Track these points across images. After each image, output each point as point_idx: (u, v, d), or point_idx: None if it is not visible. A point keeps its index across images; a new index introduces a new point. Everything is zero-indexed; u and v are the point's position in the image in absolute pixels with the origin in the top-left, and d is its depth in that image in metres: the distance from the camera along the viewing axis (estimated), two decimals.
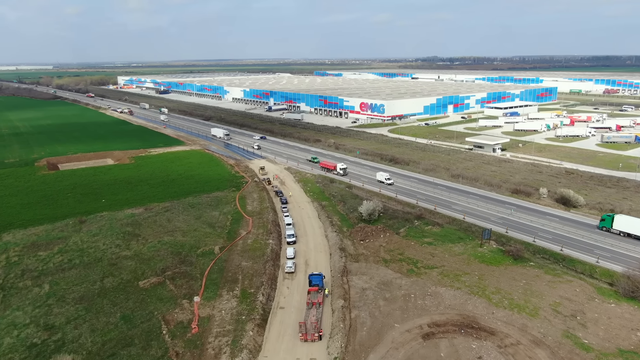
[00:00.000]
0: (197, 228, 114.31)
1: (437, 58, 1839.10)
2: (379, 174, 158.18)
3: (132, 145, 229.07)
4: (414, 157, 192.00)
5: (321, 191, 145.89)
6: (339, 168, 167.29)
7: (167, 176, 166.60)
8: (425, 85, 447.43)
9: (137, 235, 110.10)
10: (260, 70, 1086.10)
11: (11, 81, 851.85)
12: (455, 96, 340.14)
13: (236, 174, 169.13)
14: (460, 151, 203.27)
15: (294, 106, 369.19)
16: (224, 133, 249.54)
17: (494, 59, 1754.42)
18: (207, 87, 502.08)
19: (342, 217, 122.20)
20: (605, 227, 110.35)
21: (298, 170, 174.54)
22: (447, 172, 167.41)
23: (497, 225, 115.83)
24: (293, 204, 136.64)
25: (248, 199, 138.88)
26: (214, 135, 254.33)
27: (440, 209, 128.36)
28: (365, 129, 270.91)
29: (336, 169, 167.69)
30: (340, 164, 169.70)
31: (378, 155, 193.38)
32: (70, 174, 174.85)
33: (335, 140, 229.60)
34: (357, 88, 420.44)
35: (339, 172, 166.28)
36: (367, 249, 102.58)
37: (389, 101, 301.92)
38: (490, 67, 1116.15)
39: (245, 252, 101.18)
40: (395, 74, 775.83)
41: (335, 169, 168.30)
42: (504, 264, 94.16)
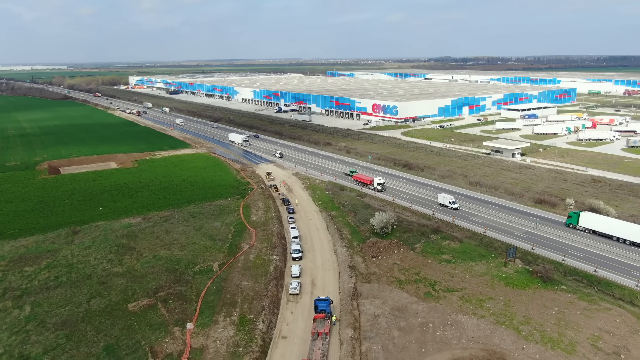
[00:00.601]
0: (196, 241, 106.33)
1: (450, 58, 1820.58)
2: (441, 196, 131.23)
3: (137, 148, 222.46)
4: (429, 162, 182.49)
5: (330, 200, 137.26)
6: (377, 183, 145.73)
7: (170, 182, 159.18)
8: (439, 86, 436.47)
9: (131, 248, 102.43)
10: (272, 70, 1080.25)
11: (24, 81, 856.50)
12: (470, 97, 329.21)
13: (242, 180, 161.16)
14: (477, 156, 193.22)
15: (304, 107, 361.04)
16: (242, 139, 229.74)
17: (508, 59, 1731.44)
18: (217, 88, 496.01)
19: (353, 230, 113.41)
20: (572, 224, 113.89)
21: (307, 176, 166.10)
22: (464, 179, 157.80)
23: (521, 241, 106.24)
24: (300, 214, 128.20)
25: (253, 208, 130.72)
26: (232, 141, 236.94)
27: (459, 221, 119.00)
28: (378, 131, 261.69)
29: (372, 184, 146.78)
30: (378, 178, 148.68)
31: (391, 160, 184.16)
32: (70, 178, 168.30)
33: (346, 143, 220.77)
34: (369, 89, 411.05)
35: (376, 188, 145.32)
36: (379, 267, 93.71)
37: (402, 102, 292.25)
38: (504, 67, 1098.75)
39: (247, 269, 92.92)
40: (408, 75, 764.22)
41: (371, 183, 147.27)
42: (532, 287, 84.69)
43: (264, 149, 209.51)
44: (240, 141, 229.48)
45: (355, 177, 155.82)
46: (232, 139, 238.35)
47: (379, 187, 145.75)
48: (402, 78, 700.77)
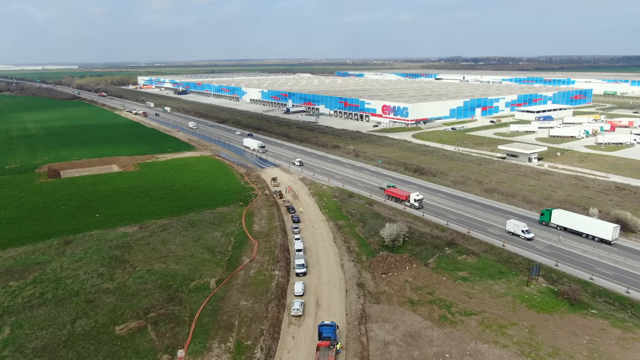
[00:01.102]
0: (194, 253, 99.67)
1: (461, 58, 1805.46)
2: (510, 224, 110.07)
3: (140, 150, 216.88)
4: (442, 167, 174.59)
5: (338, 208, 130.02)
6: (414, 199, 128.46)
7: (171, 187, 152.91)
8: (450, 87, 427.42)
9: (124, 261, 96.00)
10: (281, 70, 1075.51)
11: (34, 81, 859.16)
12: (483, 99, 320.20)
13: (246, 185, 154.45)
14: (492, 160, 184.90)
15: (313, 108, 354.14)
16: (258, 145, 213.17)
17: (519, 59, 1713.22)
18: (225, 88, 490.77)
19: (361, 242, 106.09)
20: (544, 221, 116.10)
21: (313, 182, 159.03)
22: (479, 185, 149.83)
23: (543, 256, 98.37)
24: (306, 223, 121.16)
25: (256, 216, 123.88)
26: (247, 146, 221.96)
27: (475, 233, 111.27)
28: (388, 133, 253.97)
29: (408, 200, 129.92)
30: (415, 193, 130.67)
31: (402, 165, 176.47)
32: (69, 182, 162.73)
33: (355, 146, 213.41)
34: (379, 89, 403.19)
35: (413, 205, 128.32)
36: (390, 285, 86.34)
37: (413, 104, 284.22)
38: (516, 68, 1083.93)
39: (246, 286, 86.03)
40: (419, 75, 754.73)
41: (407, 199, 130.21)
42: (558, 310, 76.87)
43: (283, 156, 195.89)
44: (257, 147, 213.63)
45: (387, 192, 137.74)
46: (247, 144, 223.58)
47: (415, 204, 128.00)
48: (412, 78, 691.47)
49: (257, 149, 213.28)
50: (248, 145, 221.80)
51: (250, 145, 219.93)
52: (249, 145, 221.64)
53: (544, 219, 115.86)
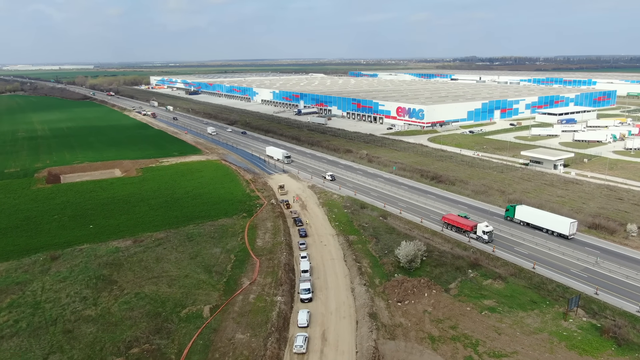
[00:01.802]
0: (189, 273, 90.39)
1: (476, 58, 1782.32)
2: None
3: (145, 154, 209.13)
4: (461, 174, 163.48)
5: (349, 220, 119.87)
6: (482, 230, 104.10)
7: (172, 195, 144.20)
8: (467, 88, 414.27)
9: (112, 282, 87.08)
10: (294, 70, 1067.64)
11: (49, 80, 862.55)
12: (502, 100, 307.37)
13: (251, 193, 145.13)
14: (514, 167, 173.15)
15: (325, 109, 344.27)
16: (283, 155, 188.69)
17: (536, 59, 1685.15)
18: (237, 89, 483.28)
19: (374, 261, 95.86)
20: (509, 217, 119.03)
21: (323, 190, 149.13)
22: (502, 195, 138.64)
23: (578, 281, 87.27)
24: (314, 237, 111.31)
25: (260, 229, 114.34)
26: (270, 155, 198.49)
27: (501, 252, 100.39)
28: (402, 137, 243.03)
29: (474, 231, 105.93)
30: (484, 224, 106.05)
31: (418, 172, 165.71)
32: (67, 188, 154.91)
33: (367, 151, 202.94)
34: (393, 90, 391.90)
35: (481, 237, 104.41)
36: (406, 316, 76.05)
37: (429, 106, 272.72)
38: (533, 68, 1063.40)
39: (244, 315, 76.42)
40: (434, 75, 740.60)
41: (472, 230, 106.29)
42: (604, 352, 65.98)
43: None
44: (281, 157, 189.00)
45: (447, 219, 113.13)
46: (270, 153, 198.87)
47: (485, 237, 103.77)
48: (427, 79, 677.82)
49: (281, 159, 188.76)
50: (271, 155, 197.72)
51: (273, 155, 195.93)
52: (272, 154, 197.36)
53: (509, 214, 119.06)
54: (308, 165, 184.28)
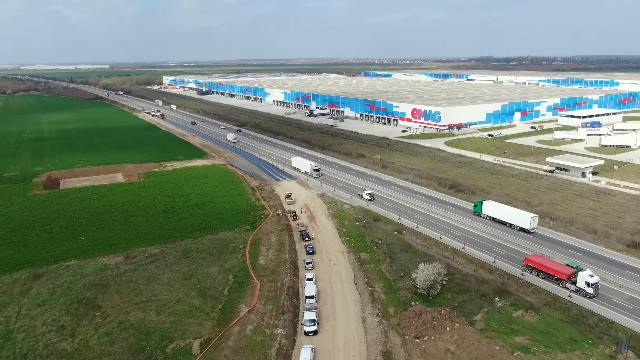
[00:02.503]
0: (181, 297, 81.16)
1: (492, 58, 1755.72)
2: None
3: (149, 157, 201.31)
4: (481, 182, 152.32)
5: (361, 235, 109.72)
6: (585, 281, 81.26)
7: (172, 203, 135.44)
8: (485, 89, 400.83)
9: (95, 307, 78.22)
10: (307, 70, 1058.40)
11: (63, 80, 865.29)
12: (523, 102, 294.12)
13: (256, 202, 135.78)
14: (539, 175, 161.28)
15: (337, 111, 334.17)
16: (312, 167, 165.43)
17: (553, 59, 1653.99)
18: (248, 89, 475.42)
19: (388, 286, 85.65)
20: (477, 212, 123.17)
21: (333, 199, 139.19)
22: (528, 207, 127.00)
23: (624, 314, 76.11)
24: (321, 254, 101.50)
25: (263, 245, 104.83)
26: (296, 167, 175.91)
27: (530, 276, 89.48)
28: (418, 140, 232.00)
29: (572, 280, 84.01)
30: (586, 273, 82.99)
31: (435, 179, 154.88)
32: (63, 195, 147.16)
33: (381, 155, 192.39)
34: (408, 91, 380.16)
35: (584, 290, 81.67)
36: (425, 356, 65.81)
37: (446, 108, 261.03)
38: (550, 68, 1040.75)
39: (239, 351, 66.84)
40: (449, 75, 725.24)
41: (568, 278, 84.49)
42: None
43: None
44: (309, 170, 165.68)
45: (530, 262, 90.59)
46: (297, 165, 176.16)
47: (589, 291, 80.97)
48: (442, 79, 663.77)
49: (309, 172, 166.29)
50: (298, 167, 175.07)
51: (300, 167, 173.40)
52: (299, 166, 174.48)
53: (477, 209, 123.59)
54: None
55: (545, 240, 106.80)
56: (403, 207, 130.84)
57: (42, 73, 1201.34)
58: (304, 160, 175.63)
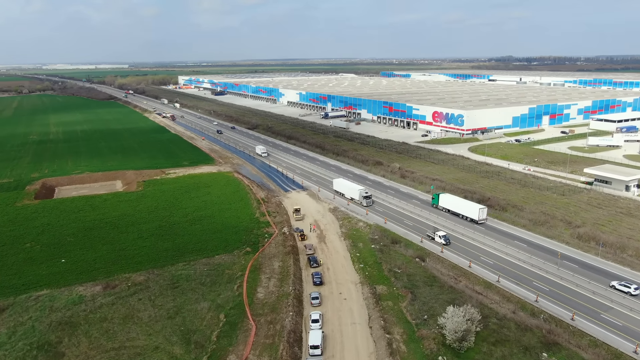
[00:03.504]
0: (160, 344, 67.80)
1: (513, 58, 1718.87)
2: None
3: (153, 163, 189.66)
4: (512, 196, 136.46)
5: (377, 262, 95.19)
6: None
7: (169, 218, 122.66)
8: (509, 90, 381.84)
9: (57, 356, 65.36)
10: (325, 70, 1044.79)
11: (80, 79, 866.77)
12: (552, 105, 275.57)
13: (261, 218, 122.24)
14: (577, 189, 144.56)
15: (354, 113, 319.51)
16: (361, 194, 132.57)
17: (576, 58, 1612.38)
18: (263, 89, 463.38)
19: (410, 332, 71.05)
20: (435, 204, 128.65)
21: (347, 215, 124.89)
22: (567, 227, 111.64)
23: None
24: (331, 286, 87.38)
25: (264, 272, 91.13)
26: (339, 192, 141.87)
27: (582, 321, 74.09)
28: (439, 146, 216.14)
29: None
30: None
31: (460, 192, 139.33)
32: (53, 206, 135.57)
33: (400, 163, 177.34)
34: (428, 92, 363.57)
35: None
36: None
37: (469, 111, 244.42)
38: (574, 68, 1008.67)
39: None
40: (470, 76, 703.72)
41: None
42: None
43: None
44: (358, 197, 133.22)
45: None
46: (340, 188, 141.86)
47: None
48: (463, 80, 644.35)
49: (358, 199, 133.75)
50: (341, 191, 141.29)
51: (345, 192, 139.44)
52: (343, 190, 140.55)
53: (435, 202, 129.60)
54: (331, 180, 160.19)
55: (590, 269, 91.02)
56: (425, 226, 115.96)
57: (63, 72, 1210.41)
58: (349, 184, 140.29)
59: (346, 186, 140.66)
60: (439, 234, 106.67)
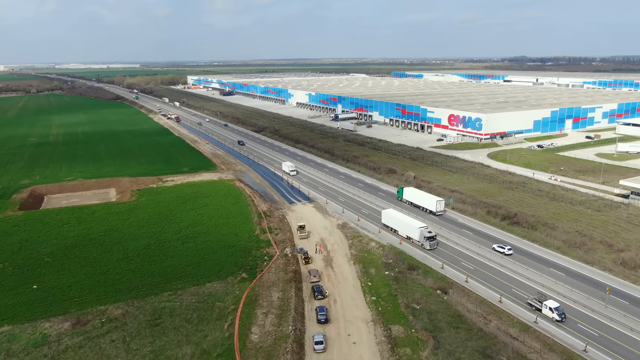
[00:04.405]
0: None
1: (526, 58, 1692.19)
2: None
3: (150, 169, 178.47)
4: (541, 212, 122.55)
5: (392, 294, 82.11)
6: None
7: (159, 234, 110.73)
8: (527, 92, 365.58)
9: None
10: (336, 70, 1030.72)
11: (90, 79, 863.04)
12: (576, 108, 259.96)
13: (261, 235, 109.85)
14: (613, 203, 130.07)
15: (365, 115, 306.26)
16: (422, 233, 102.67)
17: (592, 59, 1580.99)
18: (271, 90, 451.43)
19: None
20: (399, 197, 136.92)
21: (357, 232, 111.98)
22: (608, 251, 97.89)
23: None
24: (338, 324, 74.59)
25: (261, 307, 78.59)
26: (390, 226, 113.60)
27: None
28: (456, 151, 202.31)
29: None
30: None
31: (483, 206, 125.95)
32: (37, 219, 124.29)
33: (415, 172, 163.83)
34: (442, 94, 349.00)
35: None
36: None
37: (488, 114, 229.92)
38: (590, 69, 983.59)
39: None
40: (484, 76, 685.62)
41: None
42: None
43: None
44: (417, 237, 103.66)
45: None
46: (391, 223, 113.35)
47: None
48: (477, 80, 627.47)
49: (418, 239, 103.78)
50: (394, 227, 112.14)
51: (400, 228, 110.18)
52: (395, 225, 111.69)
53: (399, 195, 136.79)
54: (340, 192, 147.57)
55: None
56: (447, 249, 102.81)
57: (75, 72, 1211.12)
58: (405, 219, 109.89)
59: (401, 221, 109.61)
60: (550, 306, 75.10)
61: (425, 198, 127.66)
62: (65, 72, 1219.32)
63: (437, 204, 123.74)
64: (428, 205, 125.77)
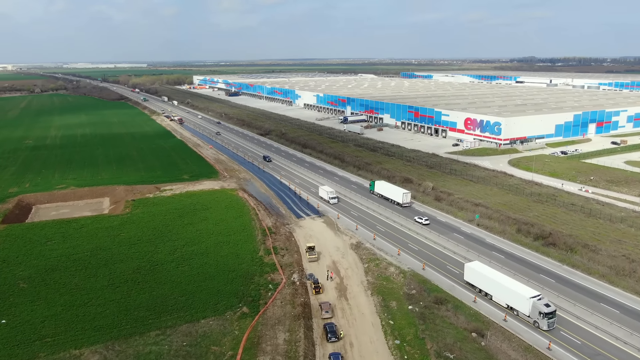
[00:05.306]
0: None
1: (535, 59, 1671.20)
2: None
3: (148, 176, 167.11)
4: (578, 230, 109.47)
5: (418, 336, 69.54)
6: None
7: (152, 255, 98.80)
8: (544, 94, 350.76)
9: None
10: (343, 70, 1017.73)
11: (96, 79, 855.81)
12: (599, 111, 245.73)
13: (265, 257, 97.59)
14: None
15: (375, 118, 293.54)
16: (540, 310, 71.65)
17: (603, 60, 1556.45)
18: (278, 90, 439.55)
19: None
20: (371, 190, 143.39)
21: (373, 254, 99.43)
22: None
23: None
24: None
25: (264, 352, 66.30)
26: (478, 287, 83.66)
27: None
28: (475, 158, 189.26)
29: None
30: None
31: (512, 223, 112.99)
32: (20, 234, 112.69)
33: (433, 182, 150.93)
34: (456, 95, 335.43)
35: None
36: None
37: (507, 118, 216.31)
38: (602, 70, 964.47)
39: None
40: (495, 77, 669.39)
41: None
42: None
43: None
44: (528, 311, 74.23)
45: None
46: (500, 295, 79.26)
47: None
48: (488, 81, 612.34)
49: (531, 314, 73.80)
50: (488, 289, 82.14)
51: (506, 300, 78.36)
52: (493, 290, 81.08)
53: (371, 188, 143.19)
54: (353, 204, 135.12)
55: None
56: None
57: (82, 72, 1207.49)
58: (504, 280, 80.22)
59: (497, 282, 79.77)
60: None
61: (393, 190, 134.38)
62: (73, 72, 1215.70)
63: (404, 196, 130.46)
64: (395, 198, 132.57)
